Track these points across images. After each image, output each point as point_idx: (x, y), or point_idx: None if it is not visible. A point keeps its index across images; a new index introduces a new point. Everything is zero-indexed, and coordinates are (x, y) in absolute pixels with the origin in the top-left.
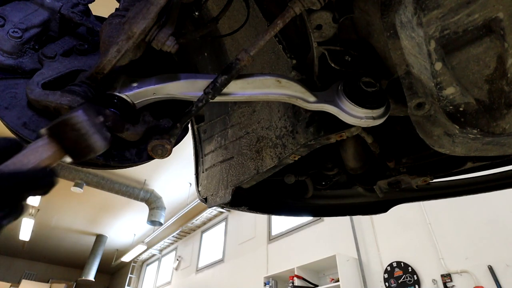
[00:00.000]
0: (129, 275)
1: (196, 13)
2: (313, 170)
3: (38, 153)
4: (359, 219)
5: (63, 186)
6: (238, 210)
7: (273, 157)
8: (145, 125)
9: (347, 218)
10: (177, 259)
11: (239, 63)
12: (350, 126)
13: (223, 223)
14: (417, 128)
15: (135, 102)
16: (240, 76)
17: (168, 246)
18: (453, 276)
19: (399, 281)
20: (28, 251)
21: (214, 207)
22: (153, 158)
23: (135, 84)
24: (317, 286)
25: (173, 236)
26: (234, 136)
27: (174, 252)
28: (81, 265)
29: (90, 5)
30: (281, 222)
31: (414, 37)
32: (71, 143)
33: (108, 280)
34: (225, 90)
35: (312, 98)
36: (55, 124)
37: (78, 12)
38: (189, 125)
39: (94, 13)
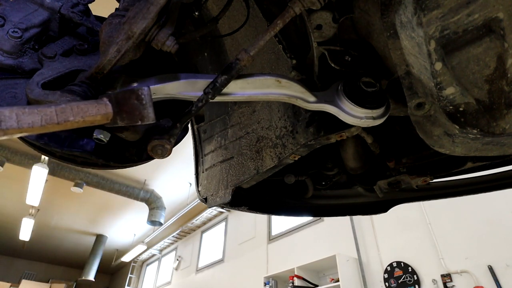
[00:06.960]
0: (129, 275)
1: (196, 13)
2: (313, 170)
3: (88, 108)
4: (359, 219)
5: (63, 186)
6: (238, 210)
7: (273, 157)
8: (145, 125)
9: (347, 218)
10: (177, 259)
11: (239, 63)
12: (350, 126)
13: (223, 223)
14: (417, 128)
15: None
16: (240, 76)
17: (168, 246)
18: (453, 276)
19: (399, 281)
20: (28, 251)
21: (214, 207)
22: (153, 158)
23: (135, 84)
24: (317, 286)
25: (173, 236)
26: (234, 136)
27: (174, 252)
28: (81, 265)
29: (90, 5)
30: (281, 222)
31: (414, 37)
32: (129, 108)
33: (108, 280)
34: (225, 90)
35: (312, 98)
36: (123, 91)
37: (78, 12)
38: (189, 125)
39: (94, 13)
